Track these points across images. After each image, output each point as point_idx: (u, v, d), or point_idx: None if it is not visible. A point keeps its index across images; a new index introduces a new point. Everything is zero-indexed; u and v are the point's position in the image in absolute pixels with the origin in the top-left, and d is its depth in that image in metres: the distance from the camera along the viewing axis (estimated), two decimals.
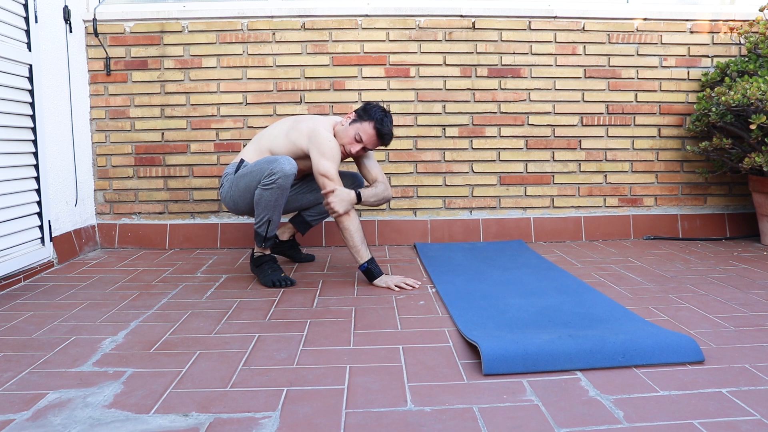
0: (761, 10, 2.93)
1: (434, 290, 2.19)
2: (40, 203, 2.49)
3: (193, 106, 3.05)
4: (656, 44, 3.14)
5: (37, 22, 2.48)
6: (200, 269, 2.58)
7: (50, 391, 1.33)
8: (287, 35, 3.03)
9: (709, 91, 2.97)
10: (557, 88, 3.13)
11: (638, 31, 3.13)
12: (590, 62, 3.13)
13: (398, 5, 3.03)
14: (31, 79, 2.43)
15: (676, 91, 3.17)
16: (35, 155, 2.47)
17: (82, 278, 2.42)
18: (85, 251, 2.92)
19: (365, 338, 1.67)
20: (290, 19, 3.03)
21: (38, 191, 2.48)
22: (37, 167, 2.48)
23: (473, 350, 1.57)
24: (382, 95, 3.08)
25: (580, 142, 3.18)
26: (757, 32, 2.91)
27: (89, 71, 3.02)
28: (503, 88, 3.12)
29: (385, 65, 3.07)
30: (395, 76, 3.08)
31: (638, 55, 3.14)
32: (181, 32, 3.02)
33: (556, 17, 3.08)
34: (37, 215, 2.48)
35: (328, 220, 2.99)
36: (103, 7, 3.00)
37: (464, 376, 1.40)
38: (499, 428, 1.15)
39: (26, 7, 2.41)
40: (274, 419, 1.19)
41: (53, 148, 2.66)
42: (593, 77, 3.14)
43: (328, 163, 2.19)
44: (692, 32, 3.14)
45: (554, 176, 3.18)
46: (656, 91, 3.16)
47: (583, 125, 3.17)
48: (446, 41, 3.08)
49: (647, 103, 3.17)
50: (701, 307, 1.94)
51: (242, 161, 2.32)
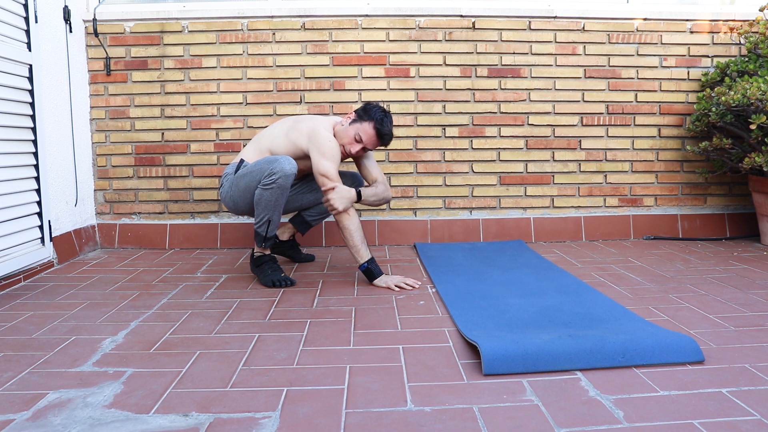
0: (761, 10, 2.93)
1: (434, 290, 2.19)
2: (40, 203, 2.49)
3: (193, 106, 3.05)
4: (656, 44, 3.14)
5: (37, 22, 2.48)
6: (200, 269, 2.58)
7: (50, 391, 1.33)
8: (287, 35, 3.03)
9: (709, 91, 2.97)
10: (557, 88, 3.13)
11: (638, 31, 3.13)
12: (590, 62, 3.13)
13: (398, 5, 3.03)
14: (31, 79, 2.43)
15: (676, 91, 3.17)
16: (35, 155, 2.47)
17: (82, 278, 2.42)
18: (85, 251, 2.92)
19: (365, 338, 1.67)
20: (290, 19, 3.03)
21: (38, 191, 2.48)
22: (37, 167, 2.48)
23: (473, 350, 1.57)
24: (382, 95, 3.08)
25: (580, 142, 3.18)
26: (757, 32, 2.91)
27: (89, 71, 3.02)
28: (503, 88, 3.12)
29: (385, 65, 3.07)
30: (395, 76, 3.08)
31: (638, 55, 3.14)
32: (181, 32, 3.02)
33: (556, 17, 3.08)
34: (37, 215, 2.48)
35: (328, 220, 2.99)
36: (103, 7, 3.00)
37: (464, 376, 1.40)
38: (499, 428, 1.15)
39: (26, 7, 2.41)
40: (274, 419, 1.19)
41: (53, 148, 2.66)
42: (593, 77, 3.14)
43: (328, 163, 2.19)
44: (692, 32, 3.14)
45: (554, 176, 3.18)
46: (656, 91, 3.16)
47: (583, 125, 3.17)
48: (446, 41, 3.07)
49: (647, 103, 3.17)
50: (701, 307, 1.94)
51: (242, 161, 2.32)
